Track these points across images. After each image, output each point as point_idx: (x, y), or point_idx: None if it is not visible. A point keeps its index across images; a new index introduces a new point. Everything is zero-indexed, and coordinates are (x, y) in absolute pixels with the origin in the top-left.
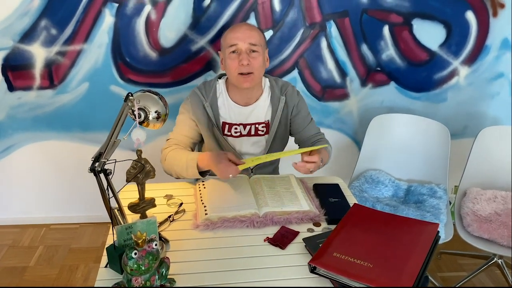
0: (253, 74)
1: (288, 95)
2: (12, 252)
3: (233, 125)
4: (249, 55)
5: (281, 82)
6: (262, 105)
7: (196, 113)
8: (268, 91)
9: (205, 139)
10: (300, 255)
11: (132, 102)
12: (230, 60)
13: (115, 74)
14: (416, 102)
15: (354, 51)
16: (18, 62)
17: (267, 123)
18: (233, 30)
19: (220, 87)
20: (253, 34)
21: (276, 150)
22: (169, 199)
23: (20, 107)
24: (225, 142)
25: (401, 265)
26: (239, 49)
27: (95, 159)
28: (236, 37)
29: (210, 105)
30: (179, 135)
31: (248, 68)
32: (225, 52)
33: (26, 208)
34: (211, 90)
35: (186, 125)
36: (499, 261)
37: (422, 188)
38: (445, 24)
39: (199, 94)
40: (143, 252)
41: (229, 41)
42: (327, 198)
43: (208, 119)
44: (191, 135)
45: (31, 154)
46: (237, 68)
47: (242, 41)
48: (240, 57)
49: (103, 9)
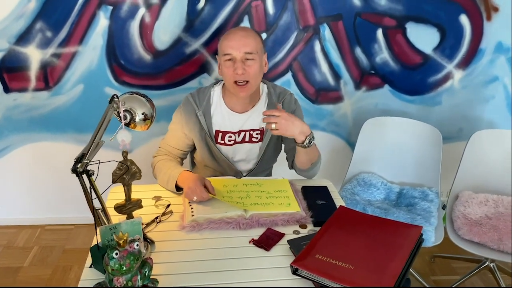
0: (249, 82)
1: (286, 102)
2: (6, 253)
3: (226, 133)
4: (244, 63)
5: (279, 89)
6: (258, 112)
7: (188, 123)
8: (265, 97)
9: (197, 147)
10: (284, 256)
11: (117, 104)
12: (225, 68)
13: (110, 76)
14: (411, 105)
15: (348, 54)
16: (14, 64)
17: (262, 130)
18: (228, 37)
19: (215, 94)
20: (248, 42)
21: (269, 158)
22: (157, 201)
23: (16, 108)
24: (218, 151)
25: (382, 267)
26: (234, 58)
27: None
28: (230, 45)
29: (203, 113)
30: (168, 146)
31: (243, 77)
32: (220, 59)
33: (21, 209)
34: (204, 98)
35: (176, 137)
36: (491, 264)
37: (414, 191)
38: (438, 27)
39: (192, 102)
40: (124, 253)
41: (224, 49)
42: (315, 200)
43: (200, 128)
44: (180, 147)
45: (26, 155)
46: (232, 77)
47: (237, 50)
48: (235, 66)
49: (97, 11)
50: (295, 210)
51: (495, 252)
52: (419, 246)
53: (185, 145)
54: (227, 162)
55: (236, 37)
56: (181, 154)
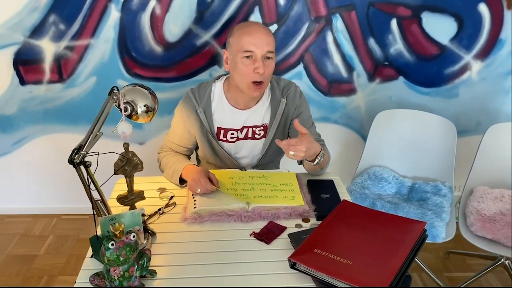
0: (263, 82)
1: (290, 96)
2: (23, 241)
3: (228, 130)
4: (264, 62)
5: (283, 82)
6: (261, 108)
7: (189, 118)
8: (268, 92)
9: (199, 143)
10: (285, 250)
11: (117, 96)
12: (243, 65)
13: (122, 68)
14: (426, 98)
15: (361, 45)
16: (29, 56)
17: (265, 126)
18: (250, 33)
19: (217, 89)
20: (270, 41)
21: (273, 154)
22: (161, 192)
23: (31, 100)
24: (220, 147)
25: (382, 263)
26: (255, 56)
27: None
28: (254, 43)
29: (203, 110)
30: (172, 144)
31: (261, 77)
32: (236, 55)
33: (38, 199)
34: (205, 94)
35: (178, 134)
36: (506, 262)
37: (426, 185)
38: (456, 17)
39: (192, 98)
40: (120, 243)
41: (245, 46)
42: (320, 194)
43: (201, 124)
44: (183, 144)
45: (42, 146)
46: (251, 75)
47: (260, 48)
48: (256, 65)
49: (109, 4)
50: (298, 204)
51: (509, 249)
52: (422, 243)
53: (189, 141)
54: (230, 158)
55: (259, 34)
56: (185, 151)
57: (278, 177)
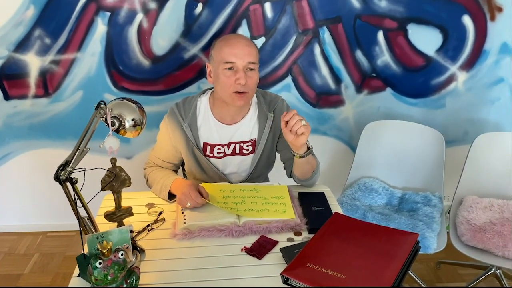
0: (247, 93)
1: (277, 111)
2: (7, 260)
3: (215, 145)
4: (246, 73)
5: (269, 97)
6: (248, 123)
7: (174, 133)
8: (255, 107)
9: (185, 159)
10: (277, 265)
11: (104, 110)
12: (224, 77)
13: (109, 82)
14: (414, 108)
15: (348, 57)
16: (13, 71)
17: (254, 141)
18: (230, 44)
19: (202, 104)
20: (251, 52)
21: (262, 170)
22: (150, 208)
23: (16, 115)
24: (207, 163)
25: (375, 276)
26: (236, 67)
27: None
28: (234, 53)
29: (189, 125)
30: (157, 160)
31: (244, 87)
32: (218, 66)
33: (23, 216)
34: (190, 109)
35: (164, 150)
36: (497, 271)
37: (416, 196)
38: (441, 29)
39: (177, 114)
40: (108, 262)
41: (226, 57)
42: (311, 207)
43: (187, 140)
44: (169, 160)
45: (27, 162)
46: (233, 86)
47: (241, 59)
48: (238, 75)
49: (95, 18)
50: (290, 217)
51: (500, 258)
52: (415, 254)
53: (175, 157)
54: (217, 173)
55: (239, 45)
56: (171, 167)
57: (270, 190)
